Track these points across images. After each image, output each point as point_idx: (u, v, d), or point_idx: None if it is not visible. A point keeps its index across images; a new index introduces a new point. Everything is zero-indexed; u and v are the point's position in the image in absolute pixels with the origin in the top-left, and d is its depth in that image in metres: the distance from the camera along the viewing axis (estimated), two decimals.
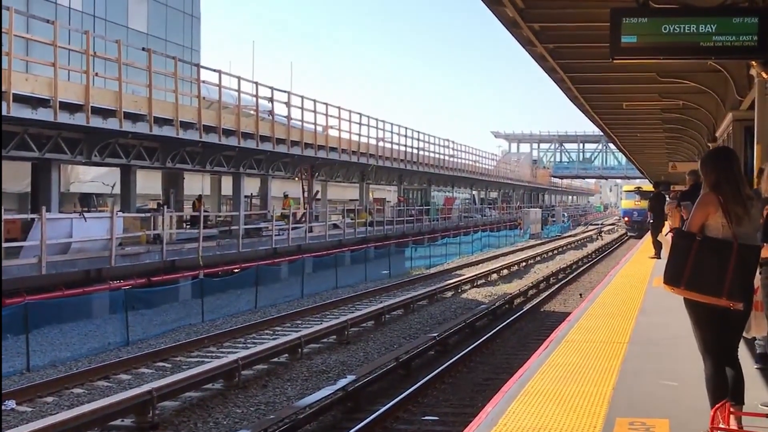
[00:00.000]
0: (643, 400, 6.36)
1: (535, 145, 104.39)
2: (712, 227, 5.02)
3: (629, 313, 10.97)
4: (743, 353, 7.14)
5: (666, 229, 18.39)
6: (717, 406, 4.42)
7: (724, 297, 4.85)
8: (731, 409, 4.72)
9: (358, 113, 39.58)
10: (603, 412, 6.03)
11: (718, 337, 5.11)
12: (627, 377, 7.15)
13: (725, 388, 5.05)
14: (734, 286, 4.84)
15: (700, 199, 5.16)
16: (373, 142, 41.56)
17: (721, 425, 4.44)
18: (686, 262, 4.93)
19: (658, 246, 19.02)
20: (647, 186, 61.33)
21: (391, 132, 44.16)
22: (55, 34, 19.89)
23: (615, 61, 7.97)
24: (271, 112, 31.06)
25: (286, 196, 36.06)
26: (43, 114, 19.50)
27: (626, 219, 63.56)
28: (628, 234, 60.12)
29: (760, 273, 5.83)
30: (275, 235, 29.46)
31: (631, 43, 7.61)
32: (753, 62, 8.86)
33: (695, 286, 4.93)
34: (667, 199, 17.74)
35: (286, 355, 14.80)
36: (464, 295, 24.82)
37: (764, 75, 8.86)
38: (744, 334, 6.27)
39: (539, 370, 7.51)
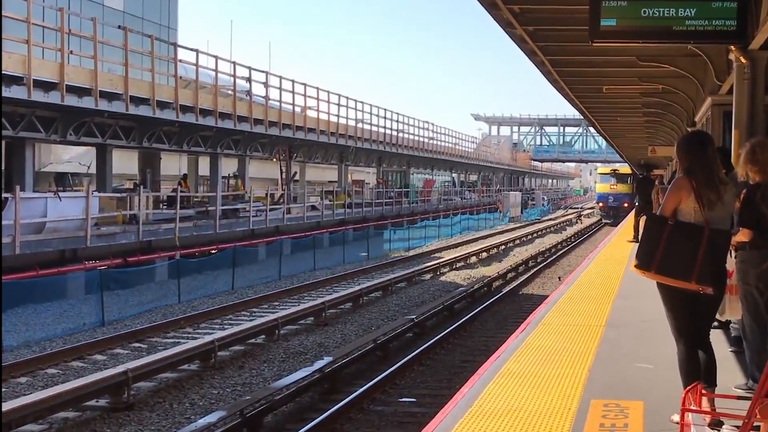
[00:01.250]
0: (618, 383, 6.37)
1: (515, 129, 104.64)
2: (685, 212, 5.02)
3: (606, 296, 11.00)
4: (719, 337, 7.19)
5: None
6: (689, 387, 4.43)
7: (693, 281, 4.87)
8: (703, 391, 4.74)
9: (337, 94, 39.49)
10: (578, 393, 6.04)
11: (689, 320, 5.13)
12: (602, 360, 7.17)
13: (698, 370, 5.09)
14: (704, 271, 4.84)
15: (673, 184, 5.16)
16: (352, 123, 41.46)
17: (692, 407, 4.44)
18: (658, 247, 4.94)
19: (637, 230, 19.09)
20: (624, 168, 58.38)
21: (371, 113, 44.06)
22: (28, 11, 19.63)
23: (594, 45, 7.96)
24: (249, 92, 30.85)
25: (235, 176, 35.29)
26: (16, 92, 19.24)
27: (600, 204, 57.64)
28: (603, 221, 55.57)
29: (734, 257, 5.85)
30: (253, 216, 29.33)
31: (610, 27, 7.60)
32: (732, 47, 8.86)
33: (666, 271, 4.94)
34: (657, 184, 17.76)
35: (263, 336, 14.76)
36: (443, 278, 24.86)
37: (743, 60, 8.87)
38: (718, 316, 6.31)
39: (516, 352, 7.51)
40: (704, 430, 4.33)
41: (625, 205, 51.15)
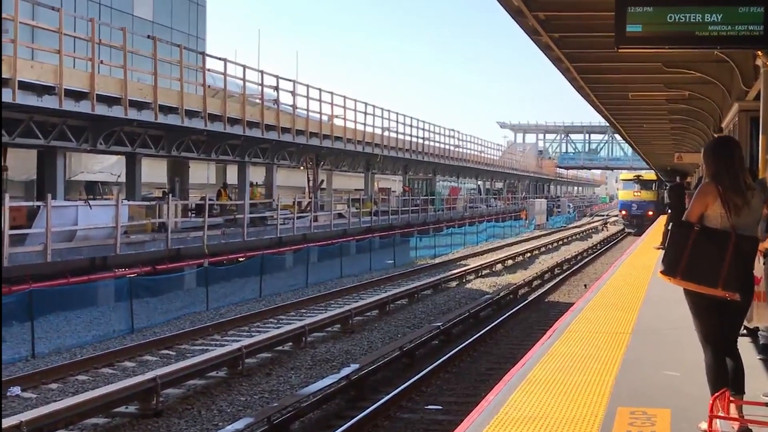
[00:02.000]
0: (644, 390, 6.35)
1: (540, 136, 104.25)
2: (711, 217, 5.00)
3: (633, 303, 10.96)
4: (747, 344, 7.15)
5: None
6: (716, 394, 4.43)
7: (720, 287, 4.84)
8: (731, 398, 4.72)
9: (364, 102, 39.56)
10: (605, 401, 6.03)
11: (717, 326, 5.11)
12: (629, 367, 7.15)
13: (725, 377, 5.06)
14: (730, 277, 4.82)
15: (699, 189, 5.15)
16: (378, 131, 41.52)
17: (720, 413, 4.43)
18: (683, 252, 4.92)
19: (666, 236, 18.96)
20: (648, 174, 55.86)
21: (397, 122, 44.12)
22: (60, 22, 19.89)
23: (620, 51, 7.94)
24: (276, 101, 31.01)
25: (254, 185, 35.22)
26: (48, 101, 19.51)
27: (623, 212, 55.04)
28: (626, 230, 52.90)
29: (763, 263, 5.82)
30: (280, 224, 29.48)
31: (636, 32, 7.58)
32: (759, 52, 8.82)
33: (691, 277, 4.92)
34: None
35: (290, 343, 14.84)
36: (469, 285, 24.83)
37: None
38: (746, 323, 6.28)
39: (542, 359, 7.51)
40: None
41: (650, 213, 49.25)
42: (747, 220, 4.99)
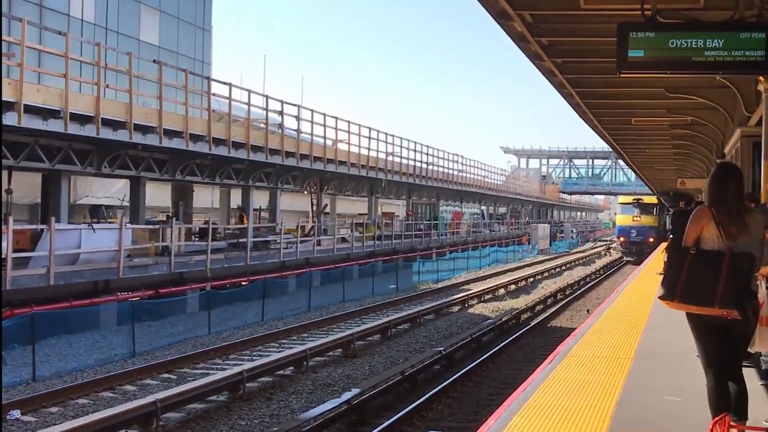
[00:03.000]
0: (646, 416, 6.32)
1: (544, 161, 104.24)
2: (707, 239, 5.05)
3: (635, 328, 10.92)
4: (748, 369, 7.10)
5: None
6: (716, 419, 4.40)
7: (716, 306, 4.84)
8: (732, 423, 4.70)
9: (368, 127, 39.70)
10: (606, 426, 6.00)
11: (718, 351, 5.11)
12: (631, 392, 7.12)
13: (727, 401, 5.05)
14: (727, 294, 4.82)
15: (694, 213, 5.21)
16: (382, 156, 41.62)
17: None
18: (680, 276, 4.95)
19: None
20: (649, 198, 51.96)
21: (401, 146, 44.25)
22: (67, 46, 20.03)
23: (622, 76, 7.98)
24: (280, 125, 31.14)
25: (239, 208, 34.58)
26: (53, 125, 19.60)
27: (621, 239, 49.99)
28: (624, 258, 48.65)
29: (766, 288, 5.81)
30: (283, 248, 29.49)
31: (638, 58, 7.61)
32: (760, 77, 8.86)
33: (689, 299, 4.94)
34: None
35: (292, 367, 14.79)
36: (471, 310, 24.76)
37: None
38: (749, 348, 6.25)
39: (543, 384, 7.48)
40: None
41: (651, 240, 46.14)
42: (745, 243, 5.00)
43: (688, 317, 5.17)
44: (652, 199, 51.28)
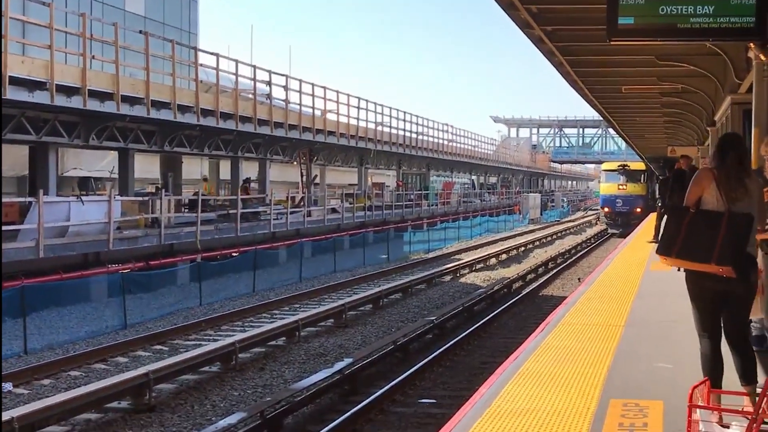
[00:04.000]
0: (637, 382, 6.36)
1: (534, 130, 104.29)
2: (708, 201, 5.12)
3: (626, 296, 10.96)
4: None
5: None
6: (696, 384, 4.41)
7: (713, 262, 4.89)
8: (712, 389, 4.74)
9: (357, 97, 39.51)
10: (597, 393, 6.03)
11: (714, 317, 5.17)
12: (622, 359, 7.15)
13: (719, 367, 5.13)
14: (723, 252, 4.87)
15: (696, 174, 5.32)
16: (371, 126, 41.48)
17: (700, 403, 4.41)
18: (679, 233, 5.02)
19: (658, 230, 18.95)
20: (636, 163, 48.23)
21: (390, 116, 44.08)
22: (51, 17, 19.78)
23: (612, 43, 7.93)
24: (269, 96, 30.95)
25: (205, 179, 34.35)
26: (39, 97, 19.42)
27: (606, 209, 45.41)
28: (609, 231, 44.75)
29: (764, 254, 5.87)
30: (273, 219, 29.44)
31: (628, 25, 7.56)
32: (751, 44, 8.80)
33: (686, 255, 5.01)
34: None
35: (284, 338, 14.82)
36: (462, 280, 24.84)
37: (762, 57, 8.80)
38: None
39: (535, 352, 7.51)
40: (713, 426, 4.29)
41: (638, 210, 42.25)
42: (745, 205, 5.07)
43: (687, 281, 5.24)
44: (640, 165, 47.82)
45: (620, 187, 44.12)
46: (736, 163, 5.13)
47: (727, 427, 4.72)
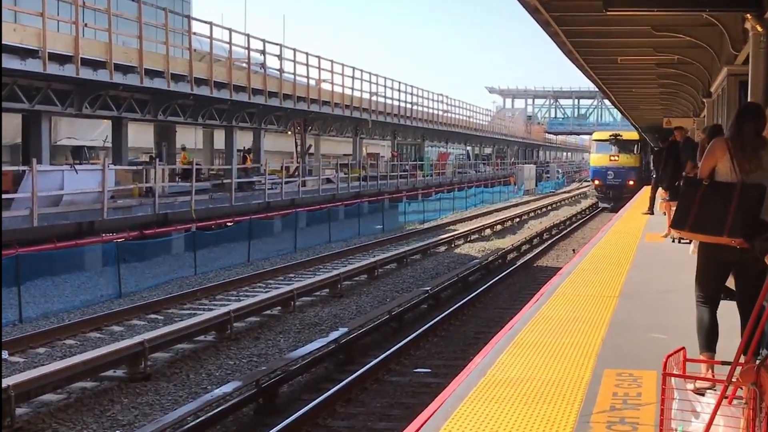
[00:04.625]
0: (631, 352, 6.40)
1: (529, 101, 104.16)
2: (722, 172, 5.12)
3: (620, 267, 11.00)
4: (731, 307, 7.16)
5: None
6: (670, 353, 4.41)
7: (725, 234, 4.91)
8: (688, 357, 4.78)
9: (351, 67, 39.34)
10: (591, 363, 6.07)
11: (718, 286, 5.27)
12: (616, 330, 7.19)
13: (715, 333, 5.20)
14: (735, 224, 4.88)
15: (710, 145, 5.29)
16: (366, 96, 41.33)
17: (675, 372, 4.42)
18: (692, 206, 5.04)
19: (653, 201, 18.97)
20: (630, 133, 45.60)
21: (385, 86, 43.92)
22: None
23: (608, 14, 7.91)
24: (263, 65, 30.79)
25: (183, 149, 33.93)
26: (32, 65, 19.29)
27: (596, 182, 42.85)
28: (600, 205, 42.33)
29: None
30: (268, 189, 29.41)
31: None
32: (747, 15, 8.77)
33: (699, 228, 5.04)
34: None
35: (279, 307, 14.86)
36: (457, 250, 24.88)
37: (759, 28, 8.78)
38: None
39: (529, 322, 7.55)
40: (687, 394, 4.31)
41: (631, 183, 40.12)
42: (758, 177, 5.05)
43: (700, 250, 5.30)
44: (633, 135, 45.20)
45: (612, 158, 41.65)
46: (753, 133, 5.12)
47: (702, 395, 4.76)
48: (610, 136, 43.25)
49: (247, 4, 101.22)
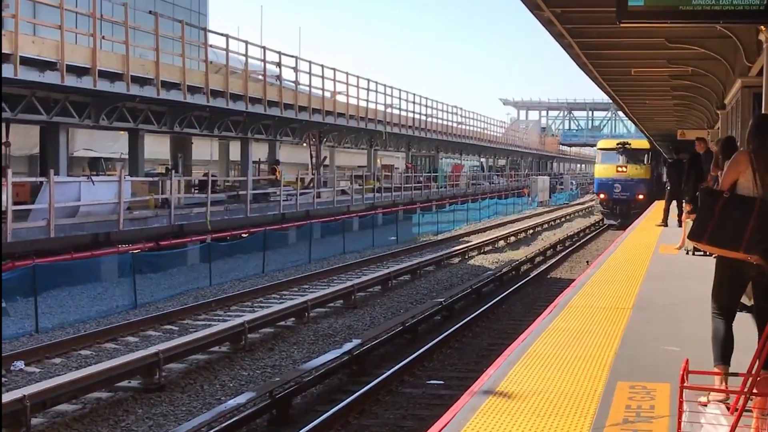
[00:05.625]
0: (644, 365, 6.39)
1: (543, 113, 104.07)
2: (743, 185, 5.08)
3: (634, 279, 10.97)
4: (747, 319, 7.14)
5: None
6: (684, 367, 4.40)
7: (742, 250, 4.90)
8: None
9: (366, 79, 39.44)
10: (604, 375, 6.06)
11: (735, 299, 5.23)
12: (629, 342, 7.18)
13: (730, 345, 5.16)
14: (753, 240, 4.87)
15: (733, 158, 5.23)
16: (381, 108, 41.42)
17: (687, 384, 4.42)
18: (711, 218, 5.00)
19: (667, 213, 18.91)
20: (639, 142, 41.44)
21: (399, 98, 44.02)
22: None
23: (622, 26, 7.91)
24: (279, 77, 30.94)
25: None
26: (50, 77, 19.47)
27: (602, 196, 38.61)
28: (605, 221, 38.70)
29: None
30: (283, 200, 29.51)
31: (638, 7, 7.52)
32: (762, 27, 8.79)
33: (716, 241, 5.02)
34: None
35: (293, 318, 14.90)
36: (471, 262, 24.87)
37: None
38: (746, 301, 6.28)
39: (542, 334, 7.54)
40: (695, 406, 4.31)
41: (640, 197, 36.38)
42: None
43: (718, 261, 5.26)
44: (643, 144, 40.85)
45: (619, 169, 37.64)
46: None
47: (705, 405, 4.77)
48: (618, 144, 39.48)
49: (263, 17, 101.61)
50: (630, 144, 39.28)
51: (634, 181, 37.27)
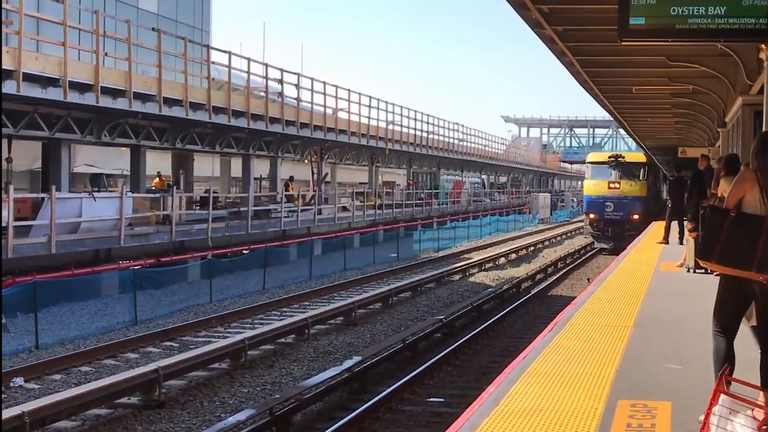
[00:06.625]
0: (645, 383, 6.36)
1: (545, 130, 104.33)
2: (750, 203, 5.03)
3: (635, 297, 10.95)
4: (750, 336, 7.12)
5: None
6: (723, 371, 4.38)
7: (753, 270, 4.86)
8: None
9: (368, 96, 39.56)
10: (605, 393, 6.04)
11: (735, 316, 5.18)
12: (630, 360, 7.15)
13: (732, 363, 5.10)
14: (764, 259, 4.83)
15: (738, 176, 5.20)
16: (382, 125, 41.52)
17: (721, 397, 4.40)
18: (718, 237, 4.95)
19: (668, 231, 18.91)
20: (634, 155, 38.41)
21: (401, 115, 44.11)
22: (65, 14, 19.88)
23: (623, 44, 7.94)
24: (280, 94, 31.03)
25: (159, 175, 32.98)
26: (53, 93, 19.53)
27: (591, 215, 34.37)
28: (596, 245, 34.76)
29: None
30: (284, 217, 29.52)
31: (639, 25, 7.55)
32: (762, 45, 8.81)
33: (726, 260, 4.96)
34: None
35: (293, 335, 14.87)
36: (472, 279, 24.84)
37: None
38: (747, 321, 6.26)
39: (543, 352, 7.52)
40: (727, 414, 4.28)
41: (635, 217, 32.89)
42: None
43: (722, 279, 5.21)
44: (639, 157, 37.26)
45: (611, 185, 33.60)
46: None
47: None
48: (609, 157, 35.04)
49: (265, 34, 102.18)
50: (624, 157, 35.35)
51: (628, 199, 33.53)
